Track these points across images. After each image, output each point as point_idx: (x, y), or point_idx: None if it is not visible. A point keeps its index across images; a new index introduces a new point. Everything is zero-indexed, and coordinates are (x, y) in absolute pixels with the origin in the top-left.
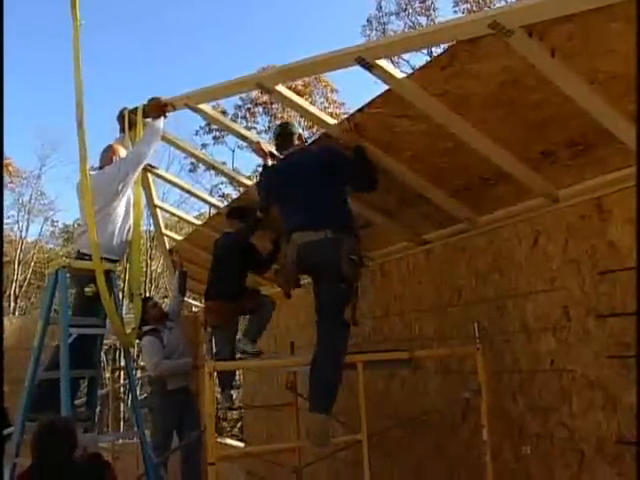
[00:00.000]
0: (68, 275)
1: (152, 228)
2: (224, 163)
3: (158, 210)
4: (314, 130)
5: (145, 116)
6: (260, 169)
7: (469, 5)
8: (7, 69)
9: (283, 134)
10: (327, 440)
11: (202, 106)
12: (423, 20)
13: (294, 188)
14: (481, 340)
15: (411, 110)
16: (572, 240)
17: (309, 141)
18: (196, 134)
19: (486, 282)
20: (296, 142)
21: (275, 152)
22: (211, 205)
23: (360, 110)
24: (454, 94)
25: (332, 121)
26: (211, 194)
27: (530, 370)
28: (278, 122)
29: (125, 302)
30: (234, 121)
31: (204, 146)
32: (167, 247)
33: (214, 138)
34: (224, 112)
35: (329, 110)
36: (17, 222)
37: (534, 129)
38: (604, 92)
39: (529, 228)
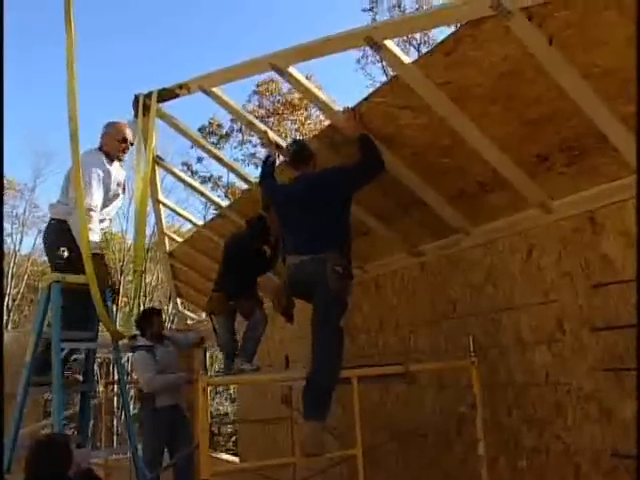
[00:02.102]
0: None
1: (147, 240)
2: (220, 177)
3: (161, 207)
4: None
5: (159, 101)
6: (265, 158)
7: None
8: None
9: (301, 155)
10: (321, 449)
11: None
12: (417, 34)
13: (292, 213)
14: (476, 353)
15: (414, 100)
16: (566, 253)
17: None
18: (192, 147)
19: (480, 295)
20: (310, 165)
21: (281, 143)
22: (214, 204)
23: (366, 99)
24: (456, 84)
25: (338, 109)
26: (206, 207)
27: (525, 383)
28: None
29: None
30: (229, 134)
31: (200, 160)
32: (167, 249)
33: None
34: (220, 125)
35: (325, 123)
36: (11, 235)
37: (530, 127)
38: (598, 89)
39: (523, 241)
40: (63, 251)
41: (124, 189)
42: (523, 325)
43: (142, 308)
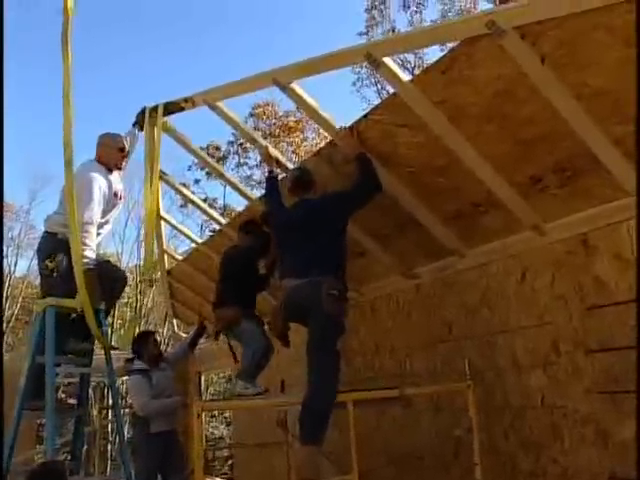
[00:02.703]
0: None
1: (142, 263)
2: (216, 199)
3: (162, 222)
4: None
5: (165, 114)
6: (268, 174)
7: None
8: None
9: (302, 182)
10: (317, 474)
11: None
12: (411, 58)
13: (291, 238)
14: (472, 376)
15: (411, 118)
16: (559, 275)
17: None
18: (189, 169)
19: (476, 317)
20: (310, 191)
21: (281, 159)
22: (214, 220)
23: (365, 117)
24: (452, 103)
25: (337, 126)
26: (202, 229)
27: (521, 406)
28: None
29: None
30: (226, 157)
31: (197, 182)
32: (166, 267)
33: (207, 174)
34: (217, 148)
35: (321, 145)
36: (6, 257)
37: (524, 148)
38: (590, 110)
39: (517, 263)
40: (50, 261)
41: (121, 198)
42: (518, 347)
43: (138, 330)
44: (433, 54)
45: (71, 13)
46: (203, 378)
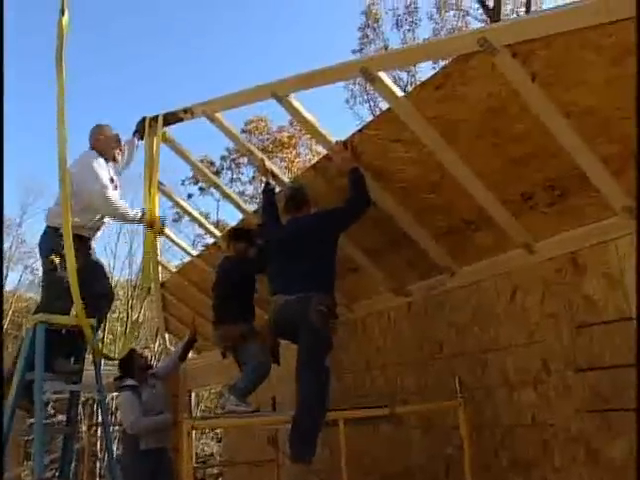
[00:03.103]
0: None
1: (133, 277)
2: (208, 214)
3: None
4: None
5: (165, 125)
6: (264, 187)
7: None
8: None
9: (295, 201)
10: None
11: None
12: (404, 75)
13: (281, 255)
14: (462, 394)
15: (405, 133)
16: (549, 294)
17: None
18: (182, 184)
19: (466, 336)
20: (303, 210)
21: (277, 172)
22: (209, 233)
23: (360, 131)
24: (445, 118)
25: (333, 139)
26: (194, 244)
27: (512, 424)
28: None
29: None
30: (219, 172)
31: (190, 196)
32: (160, 279)
33: (200, 189)
34: (212, 163)
35: (314, 161)
36: None
37: (515, 165)
38: (578, 128)
39: (507, 282)
40: (56, 255)
41: (117, 188)
42: (509, 366)
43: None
44: (425, 72)
45: (66, 31)
46: (194, 394)
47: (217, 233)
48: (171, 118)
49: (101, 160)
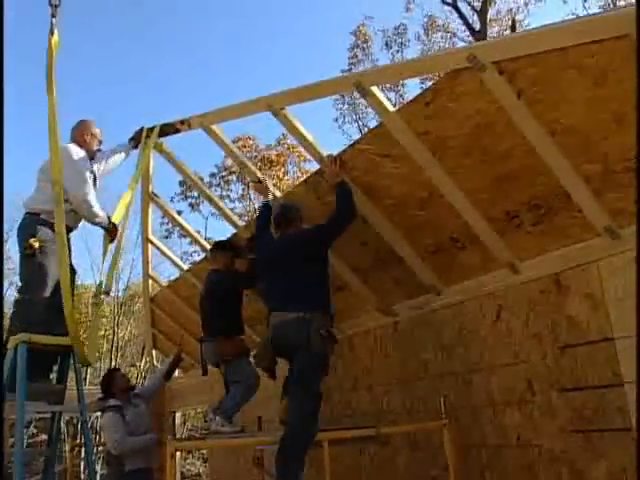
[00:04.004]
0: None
1: (120, 294)
2: (198, 231)
3: (149, 245)
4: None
5: (161, 135)
6: (262, 204)
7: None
8: None
9: (284, 219)
10: None
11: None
12: (392, 95)
13: (273, 271)
14: (448, 415)
15: (395, 149)
16: (534, 314)
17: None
18: (171, 200)
19: (452, 356)
20: (293, 227)
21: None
22: (201, 247)
23: (351, 146)
24: (434, 134)
25: (325, 153)
26: (182, 260)
27: (497, 445)
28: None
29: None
30: (209, 188)
31: (179, 213)
32: (150, 293)
33: (190, 205)
34: (202, 179)
35: (302, 179)
36: None
37: (501, 183)
38: (562, 147)
39: (492, 302)
40: (34, 241)
41: (95, 180)
42: (494, 386)
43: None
44: (413, 91)
45: (56, 47)
46: (180, 413)
47: (208, 247)
48: (168, 129)
49: (82, 153)
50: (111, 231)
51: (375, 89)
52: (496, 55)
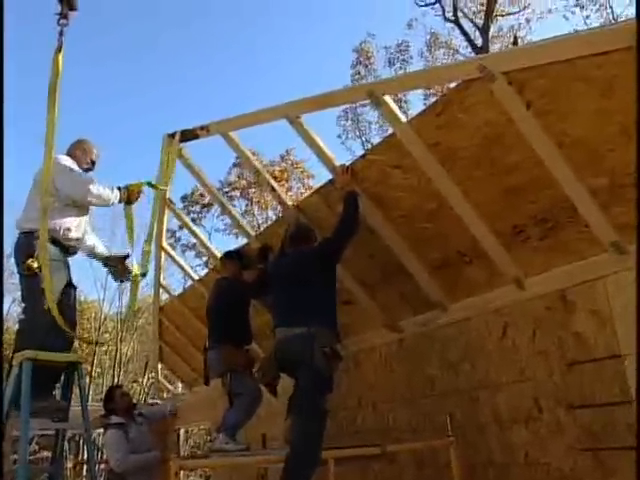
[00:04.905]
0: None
1: (123, 310)
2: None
3: (162, 253)
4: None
5: (181, 141)
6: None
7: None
8: None
9: (300, 236)
10: None
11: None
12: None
13: (282, 286)
14: (454, 432)
15: (406, 160)
16: (540, 331)
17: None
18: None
19: (458, 373)
20: (305, 244)
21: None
22: (212, 255)
23: (363, 156)
24: (444, 145)
25: (338, 163)
26: (185, 278)
27: (504, 463)
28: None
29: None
30: (211, 204)
31: (180, 228)
32: (159, 303)
33: (192, 220)
34: (202, 195)
35: (306, 195)
36: None
37: (509, 195)
38: (570, 159)
39: (498, 319)
40: (32, 262)
41: None
42: (500, 403)
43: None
44: (416, 106)
45: (60, 72)
46: (183, 430)
47: (218, 255)
48: (188, 135)
49: (73, 164)
50: (130, 196)
51: (388, 98)
52: (506, 65)
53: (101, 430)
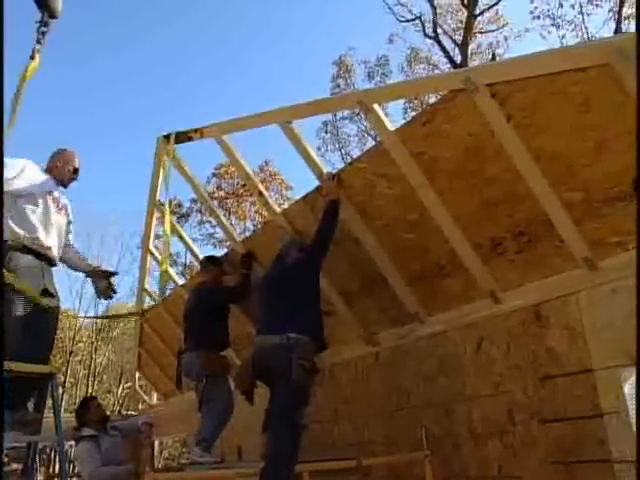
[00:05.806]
0: None
1: (98, 321)
2: (177, 253)
3: (148, 256)
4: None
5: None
6: None
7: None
8: None
9: (288, 250)
10: None
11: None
12: None
13: (266, 296)
14: (429, 446)
15: (391, 169)
16: (514, 345)
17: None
18: (157, 224)
19: (433, 386)
20: (293, 253)
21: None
22: (197, 259)
23: (350, 164)
24: (428, 155)
25: (325, 170)
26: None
27: (478, 476)
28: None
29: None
30: (189, 215)
31: (157, 237)
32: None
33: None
34: (180, 205)
35: (284, 206)
36: None
37: (487, 207)
38: (546, 173)
39: (474, 332)
40: (8, 276)
41: (61, 209)
42: (475, 416)
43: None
44: (397, 118)
45: (30, 76)
46: (157, 442)
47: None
48: (181, 137)
49: (41, 174)
50: None
51: (377, 107)
52: (490, 77)
53: (73, 442)
